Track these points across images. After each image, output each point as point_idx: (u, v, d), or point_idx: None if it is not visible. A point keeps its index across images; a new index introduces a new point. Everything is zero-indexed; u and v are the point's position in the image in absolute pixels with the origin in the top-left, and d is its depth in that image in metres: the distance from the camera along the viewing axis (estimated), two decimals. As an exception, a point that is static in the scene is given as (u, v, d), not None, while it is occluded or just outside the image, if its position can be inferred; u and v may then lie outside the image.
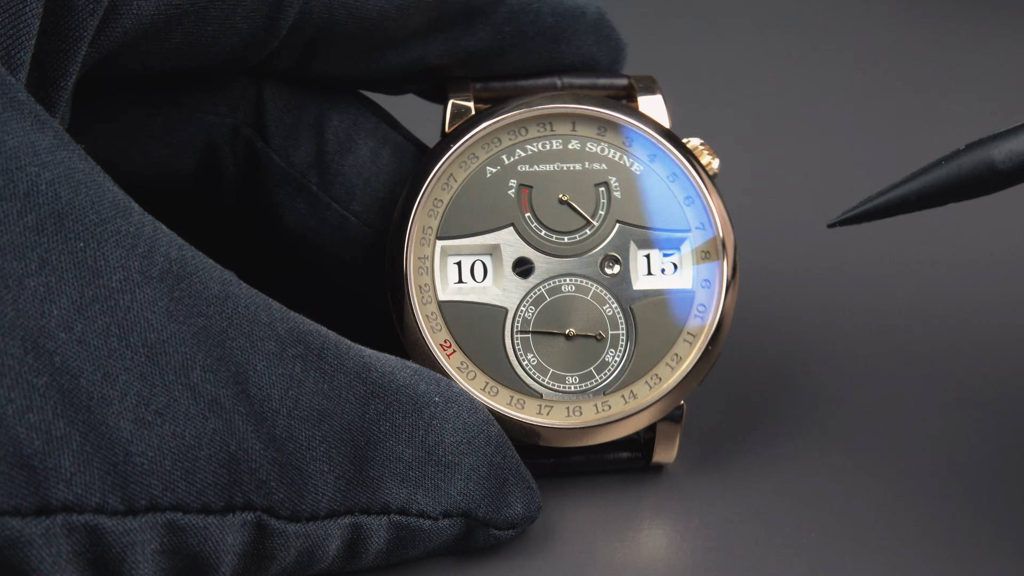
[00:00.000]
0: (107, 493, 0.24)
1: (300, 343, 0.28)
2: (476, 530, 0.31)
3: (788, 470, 0.35)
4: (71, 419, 0.24)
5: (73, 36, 0.27)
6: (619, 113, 0.34)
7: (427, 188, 0.33)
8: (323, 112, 0.34)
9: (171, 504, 0.25)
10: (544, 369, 0.33)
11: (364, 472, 0.29)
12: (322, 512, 0.28)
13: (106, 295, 0.25)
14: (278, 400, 0.27)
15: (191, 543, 0.26)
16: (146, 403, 0.25)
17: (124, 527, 0.25)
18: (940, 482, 0.35)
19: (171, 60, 0.31)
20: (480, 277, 0.34)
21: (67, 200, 0.25)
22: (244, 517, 0.27)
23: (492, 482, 0.31)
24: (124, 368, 0.25)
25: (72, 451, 0.24)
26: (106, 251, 0.25)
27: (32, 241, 0.24)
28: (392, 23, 0.32)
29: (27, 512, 0.23)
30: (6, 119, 0.25)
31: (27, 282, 0.24)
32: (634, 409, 0.33)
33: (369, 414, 0.29)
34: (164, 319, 0.26)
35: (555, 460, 0.34)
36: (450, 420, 0.30)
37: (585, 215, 0.34)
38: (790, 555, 0.32)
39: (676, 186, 0.34)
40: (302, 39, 0.32)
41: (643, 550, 0.33)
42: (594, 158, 0.34)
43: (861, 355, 0.41)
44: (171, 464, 0.25)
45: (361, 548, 0.29)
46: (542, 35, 0.34)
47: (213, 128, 0.34)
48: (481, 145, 0.34)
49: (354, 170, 0.34)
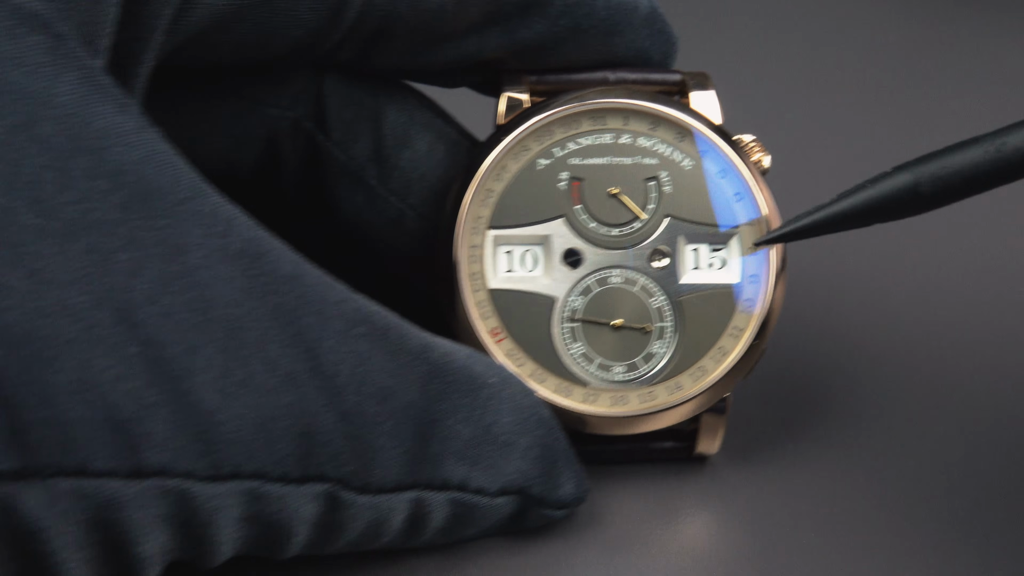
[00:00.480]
0: (195, 459, 0.25)
1: (365, 322, 0.28)
2: (530, 509, 0.32)
3: (830, 464, 0.36)
4: (161, 388, 0.25)
5: (150, 25, 0.28)
6: (671, 108, 0.35)
7: (480, 178, 0.34)
8: (381, 106, 0.35)
9: (252, 472, 0.26)
10: (591, 358, 0.34)
11: (426, 449, 0.29)
12: (389, 486, 0.29)
13: (188, 271, 0.26)
14: (347, 376, 0.28)
15: (270, 511, 0.27)
16: (228, 375, 0.26)
17: (211, 492, 0.26)
18: (986, 479, 0.35)
19: (239, 52, 0.32)
20: (530, 267, 0.34)
21: (151, 180, 0.26)
22: (318, 488, 0.28)
23: (545, 462, 0.32)
24: (207, 341, 0.26)
25: (163, 418, 0.25)
26: (187, 229, 0.26)
27: (120, 218, 0.25)
28: (451, 16, 0.33)
29: (123, 474, 0.24)
30: (92, 101, 0.26)
31: (116, 257, 0.25)
32: (679, 400, 0.34)
33: (429, 393, 0.29)
34: (242, 296, 0.26)
35: (600, 448, 0.35)
36: (505, 401, 0.31)
37: (635, 209, 0.35)
38: (828, 547, 0.32)
39: (726, 182, 0.35)
40: (364, 31, 0.33)
41: (685, 536, 0.33)
42: (645, 152, 0.35)
43: (908, 351, 0.41)
44: (252, 434, 0.26)
45: (421, 524, 0.30)
46: (596, 28, 0.35)
47: (275, 121, 0.35)
48: (534, 137, 0.35)
49: (411, 164, 0.35)
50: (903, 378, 0.40)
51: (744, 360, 0.34)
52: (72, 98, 0.25)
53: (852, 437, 0.37)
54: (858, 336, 0.42)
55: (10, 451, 0.23)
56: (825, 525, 0.33)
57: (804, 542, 0.33)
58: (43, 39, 0.25)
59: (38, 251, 0.24)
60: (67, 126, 0.25)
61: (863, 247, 0.46)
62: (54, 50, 0.25)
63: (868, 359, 0.41)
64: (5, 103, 0.24)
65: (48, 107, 0.25)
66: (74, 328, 0.24)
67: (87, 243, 0.25)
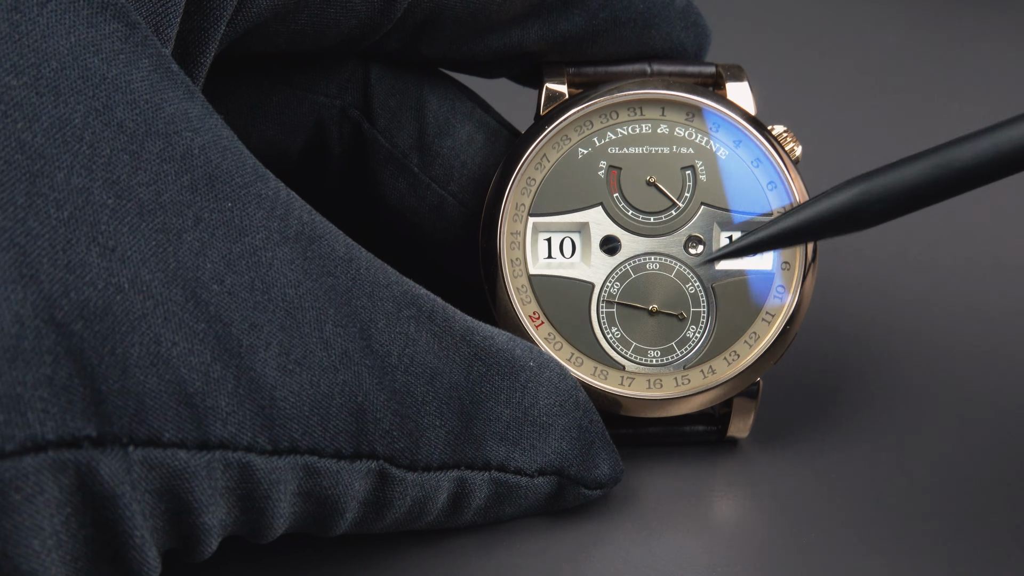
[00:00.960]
0: (256, 433, 0.26)
1: (413, 305, 0.29)
2: (567, 489, 0.33)
3: (858, 449, 0.36)
4: (226, 363, 0.26)
5: (214, 16, 0.29)
6: (707, 99, 0.35)
7: (522, 167, 0.35)
8: (424, 96, 0.36)
9: (308, 448, 0.27)
10: (627, 343, 0.35)
11: (469, 429, 0.30)
12: (435, 464, 0.30)
13: (251, 252, 0.27)
14: (397, 356, 0.29)
15: (324, 486, 0.28)
16: (287, 353, 0.27)
17: (271, 466, 0.26)
18: (1020, 464, 0.36)
19: (295, 41, 0.33)
20: (569, 253, 0.35)
21: (216, 164, 0.27)
22: (369, 465, 0.28)
23: (582, 443, 0.32)
24: (267, 320, 0.26)
25: (227, 392, 0.26)
26: (250, 212, 0.27)
27: (188, 199, 0.26)
28: (496, 7, 0.34)
29: (191, 446, 0.25)
30: (163, 87, 0.27)
31: (185, 236, 0.26)
32: (712, 384, 0.35)
33: (473, 375, 0.30)
34: (300, 276, 0.27)
35: (634, 431, 0.36)
36: (544, 384, 0.32)
37: (671, 197, 0.35)
38: (855, 529, 0.33)
39: (760, 171, 0.36)
40: (413, 22, 0.34)
41: (717, 517, 0.34)
42: (682, 142, 0.36)
43: (938, 339, 0.42)
44: (309, 410, 0.27)
45: (464, 503, 0.31)
46: (634, 21, 0.36)
47: (323, 109, 0.36)
48: (574, 127, 0.35)
49: (452, 152, 0.36)
50: (932, 365, 0.40)
51: (776, 345, 0.35)
52: (145, 84, 0.26)
53: (880, 422, 0.38)
54: (888, 324, 0.43)
55: (91, 418, 0.24)
56: (852, 508, 0.34)
57: (832, 524, 0.33)
58: (119, 27, 0.26)
59: (114, 230, 0.25)
60: (141, 111, 0.26)
61: (895, 238, 0.47)
62: (129, 38, 0.26)
63: (897, 346, 0.41)
64: (84, 88, 0.25)
65: (123, 93, 0.26)
66: (147, 304, 0.25)
67: (158, 223, 0.25)
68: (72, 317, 0.24)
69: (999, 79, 0.61)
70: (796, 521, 0.34)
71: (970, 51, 0.63)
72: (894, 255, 0.46)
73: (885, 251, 0.46)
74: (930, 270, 0.45)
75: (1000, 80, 0.60)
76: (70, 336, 0.24)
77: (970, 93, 0.59)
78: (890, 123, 0.56)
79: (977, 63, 0.62)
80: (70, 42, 0.25)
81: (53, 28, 0.25)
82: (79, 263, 0.24)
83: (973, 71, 0.61)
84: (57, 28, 0.25)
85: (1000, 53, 0.63)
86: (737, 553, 0.33)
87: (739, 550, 0.33)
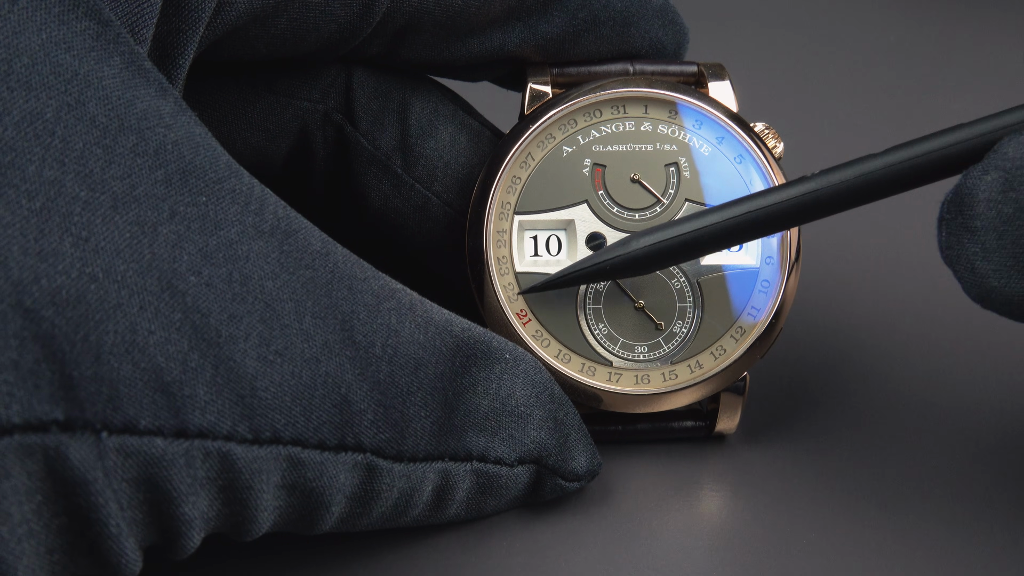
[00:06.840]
0: (236, 422, 0.26)
1: (392, 298, 0.30)
2: (545, 479, 0.33)
3: (846, 444, 0.36)
4: (203, 352, 0.26)
5: (192, 17, 0.30)
6: (689, 97, 0.36)
7: (507, 165, 0.35)
8: (406, 99, 0.36)
9: (291, 438, 0.27)
10: (614, 339, 0.35)
11: (451, 420, 0.30)
12: (420, 455, 0.30)
13: (227, 245, 0.27)
14: (380, 347, 0.29)
15: (308, 477, 0.28)
16: (267, 343, 0.27)
17: (252, 455, 0.26)
18: (1002, 462, 0.36)
19: (275, 46, 0.33)
20: (555, 250, 0.36)
21: (190, 159, 0.27)
22: (355, 458, 0.28)
23: (559, 434, 0.33)
24: (246, 311, 0.27)
25: (205, 381, 0.26)
26: (224, 206, 0.27)
27: (163, 193, 0.26)
28: (475, 11, 0.34)
29: (168, 434, 0.25)
30: (135, 84, 0.27)
31: (160, 229, 0.26)
32: (699, 378, 0.35)
33: (455, 366, 0.31)
34: (277, 269, 0.28)
35: (622, 427, 0.36)
36: (520, 376, 0.32)
37: (656, 193, 0.36)
38: (842, 524, 0.33)
39: (743, 167, 0.36)
40: (393, 27, 0.34)
41: (703, 512, 0.34)
42: (665, 139, 0.36)
43: (924, 335, 0.42)
44: (291, 401, 0.27)
45: (447, 496, 0.31)
46: (613, 19, 0.36)
47: (306, 114, 0.36)
48: (558, 126, 0.36)
49: (435, 153, 0.36)
50: (918, 359, 0.40)
51: (762, 340, 0.35)
52: (117, 81, 0.27)
53: (867, 417, 0.38)
54: (874, 319, 0.43)
55: (58, 402, 0.24)
56: (840, 503, 0.34)
57: (819, 519, 0.33)
58: (91, 25, 0.27)
59: (87, 221, 0.25)
60: (113, 106, 0.26)
61: (876, 230, 0.47)
62: (101, 35, 0.27)
63: (883, 341, 0.41)
64: (56, 84, 0.26)
65: (95, 88, 0.26)
66: (122, 293, 0.25)
67: (133, 216, 0.26)
68: (42, 304, 0.24)
69: (981, 75, 0.61)
70: (784, 516, 0.34)
71: (951, 48, 0.64)
72: (880, 250, 0.46)
73: (871, 246, 0.47)
74: (917, 265, 0.45)
75: (982, 76, 0.61)
76: (39, 322, 0.24)
77: (952, 89, 0.60)
78: (870, 119, 0.56)
79: (959, 59, 0.63)
80: (41, 39, 0.26)
81: (24, 25, 0.26)
82: (51, 252, 0.24)
83: (956, 67, 0.62)
84: (28, 25, 0.26)
85: (984, 50, 0.63)
86: (725, 548, 0.33)
87: (727, 545, 0.33)
